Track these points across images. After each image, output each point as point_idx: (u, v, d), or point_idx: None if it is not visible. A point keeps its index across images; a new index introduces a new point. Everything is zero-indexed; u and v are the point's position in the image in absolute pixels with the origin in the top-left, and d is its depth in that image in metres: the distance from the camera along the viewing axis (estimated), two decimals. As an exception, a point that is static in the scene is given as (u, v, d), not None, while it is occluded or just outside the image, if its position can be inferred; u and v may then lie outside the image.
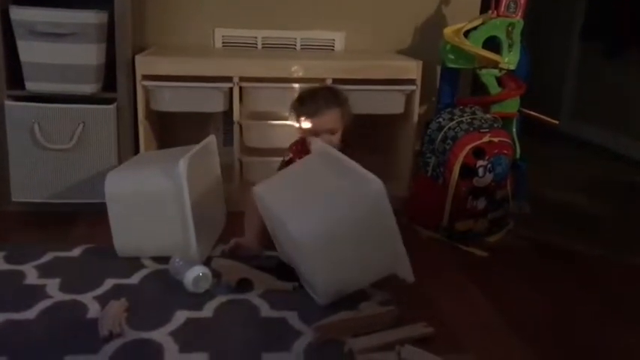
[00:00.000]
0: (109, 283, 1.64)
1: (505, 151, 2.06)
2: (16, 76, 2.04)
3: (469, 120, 2.09)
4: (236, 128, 2.20)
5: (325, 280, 1.53)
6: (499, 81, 2.29)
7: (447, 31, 2.25)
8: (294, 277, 1.66)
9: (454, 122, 2.09)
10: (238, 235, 1.88)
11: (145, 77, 2.09)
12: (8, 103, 2.03)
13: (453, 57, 2.25)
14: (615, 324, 1.59)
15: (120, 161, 2.08)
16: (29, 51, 1.99)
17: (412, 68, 2.23)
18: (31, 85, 2.03)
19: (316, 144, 1.80)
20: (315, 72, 2.19)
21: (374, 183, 1.48)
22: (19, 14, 1.95)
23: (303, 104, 1.91)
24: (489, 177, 2.03)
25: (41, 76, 2.01)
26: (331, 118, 1.88)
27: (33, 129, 2.02)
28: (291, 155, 1.95)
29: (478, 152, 2.01)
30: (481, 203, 2.05)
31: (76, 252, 1.83)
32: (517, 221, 2.23)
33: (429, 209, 2.07)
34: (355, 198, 1.52)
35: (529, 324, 1.56)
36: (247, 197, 1.89)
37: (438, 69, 2.45)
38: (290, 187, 1.68)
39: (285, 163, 1.95)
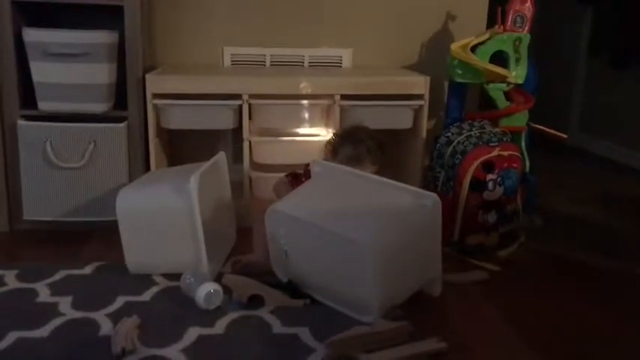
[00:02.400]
0: (120, 300, 1.64)
1: (515, 165, 2.06)
2: (28, 96, 2.07)
3: (478, 134, 2.10)
4: (245, 145, 2.21)
5: (382, 290, 1.51)
6: (507, 95, 2.29)
7: (454, 46, 2.26)
8: (304, 294, 1.65)
9: (463, 136, 2.10)
10: (248, 252, 1.88)
11: (156, 96, 2.11)
12: (21, 122, 2.05)
13: (460, 72, 2.26)
14: (628, 336, 1.58)
15: (131, 179, 2.09)
16: (42, 71, 2.02)
17: (420, 83, 2.25)
18: (44, 105, 2.06)
19: (315, 166, 1.80)
20: (323, 88, 2.21)
21: (432, 195, 1.59)
22: (31, 36, 1.99)
23: (346, 145, 1.90)
24: (499, 191, 2.02)
25: (53, 96, 2.04)
26: (368, 170, 1.87)
27: (45, 148, 2.04)
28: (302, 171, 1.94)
29: (488, 166, 2.01)
30: (492, 217, 2.04)
31: (88, 270, 1.83)
32: (528, 234, 2.22)
33: (440, 224, 2.06)
34: (413, 207, 1.58)
35: (543, 338, 1.55)
36: (255, 214, 1.88)
37: (446, 84, 2.47)
38: (325, 201, 1.66)
39: (294, 175, 1.95)
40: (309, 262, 1.65)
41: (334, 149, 1.93)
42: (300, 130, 2.29)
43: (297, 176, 1.93)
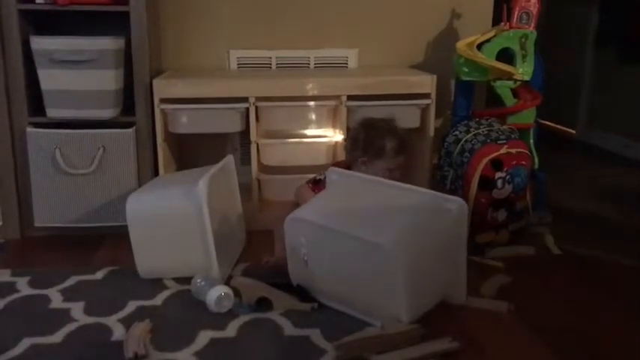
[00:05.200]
0: (132, 305, 1.65)
1: (523, 162, 2.05)
2: (37, 104, 2.08)
3: (486, 132, 2.09)
4: (253, 147, 2.22)
5: (409, 298, 1.46)
6: (514, 92, 2.28)
7: (460, 44, 2.25)
8: (313, 298, 1.64)
9: (471, 135, 2.09)
10: (259, 254, 1.88)
11: (163, 100, 2.12)
12: (30, 130, 2.07)
13: (467, 70, 2.25)
14: (644, 334, 1.57)
15: (140, 184, 2.10)
16: (49, 79, 2.03)
17: (427, 82, 2.24)
18: (52, 112, 2.07)
19: (331, 174, 1.79)
20: (330, 89, 2.21)
21: (458, 200, 1.56)
22: (39, 44, 2.00)
23: (390, 138, 1.92)
24: (508, 188, 2.02)
25: (61, 103, 2.05)
26: (401, 162, 1.92)
27: (54, 155, 2.05)
28: (323, 177, 1.91)
29: (496, 164, 2.00)
30: (501, 215, 2.03)
31: (99, 275, 1.84)
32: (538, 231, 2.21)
33: (449, 222, 2.06)
34: (439, 212, 1.56)
35: (555, 334, 1.54)
36: (277, 216, 1.85)
37: (452, 82, 2.46)
38: (346, 208, 1.64)
39: (315, 182, 1.94)
40: (331, 272, 1.60)
41: (381, 148, 1.91)
42: (308, 132, 2.30)
43: (319, 182, 1.92)
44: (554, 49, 3.89)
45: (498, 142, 2.04)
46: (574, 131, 4.21)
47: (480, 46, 2.24)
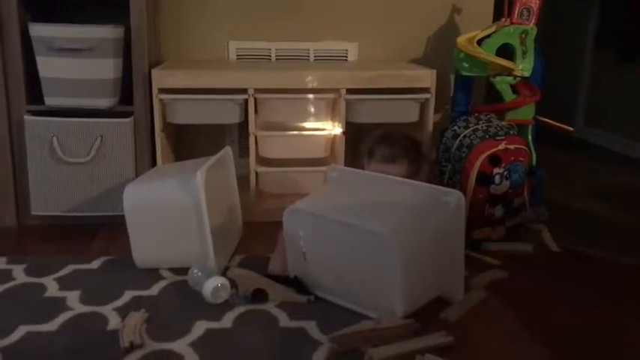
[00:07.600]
0: (128, 294, 1.65)
1: (521, 159, 2.05)
2: (35, 92, 2.07)
3: (484, 127, 2.09)
4: (251, 139, 2.21)
5: (406, 288, 1.46)
6: (514, 88, 2.28)
7: (461, 39, 2.25)
8: (309, 291, 1.64)
9: (469, 130, 2.09)
10: (254, 247, 1.88)
11: (161, 90, 2.11)
12: (27, 117, 2.06)
13: (466, 65, 2.25)
14: (638, 330, 1.57)
15: (137, 174, 2.10)
16: (48, 67, 2.02)
17: (426, 77, 2.24)
18: (50, 100, 2.06)
19: (331, 171, 1.79)
20: (329, 82, 2.20)
21: (455, 193, 1.57)
22: (38, 31, 1.99)
23: (382, 145, 1.90)
24: (506, 184, 2.02)
25: (60, 91, 2.04)
26: (406, 170, 1.87)
27: (52, 143, 2.05)
28: None
29: (494, 160, 2.00)
30: (498, 211, 2.04)
31: (96, 264, 1.84)
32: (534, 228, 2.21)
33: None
34: (436, 205, 1.56)
35: (550, 331, 1.55)
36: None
37: (452, 77, 2.46)
38: (345, 200, 1.64)
39: None
40: (329, 263, 1.60)
41: (371, 151, 1.91)
42: (306, 125, 2.29)
43: None
44: (554, 46, 3.90)
45: (497, 138, 2.05)
46: (572, 129, 4.21)
47: (480, 42, 2.24)
